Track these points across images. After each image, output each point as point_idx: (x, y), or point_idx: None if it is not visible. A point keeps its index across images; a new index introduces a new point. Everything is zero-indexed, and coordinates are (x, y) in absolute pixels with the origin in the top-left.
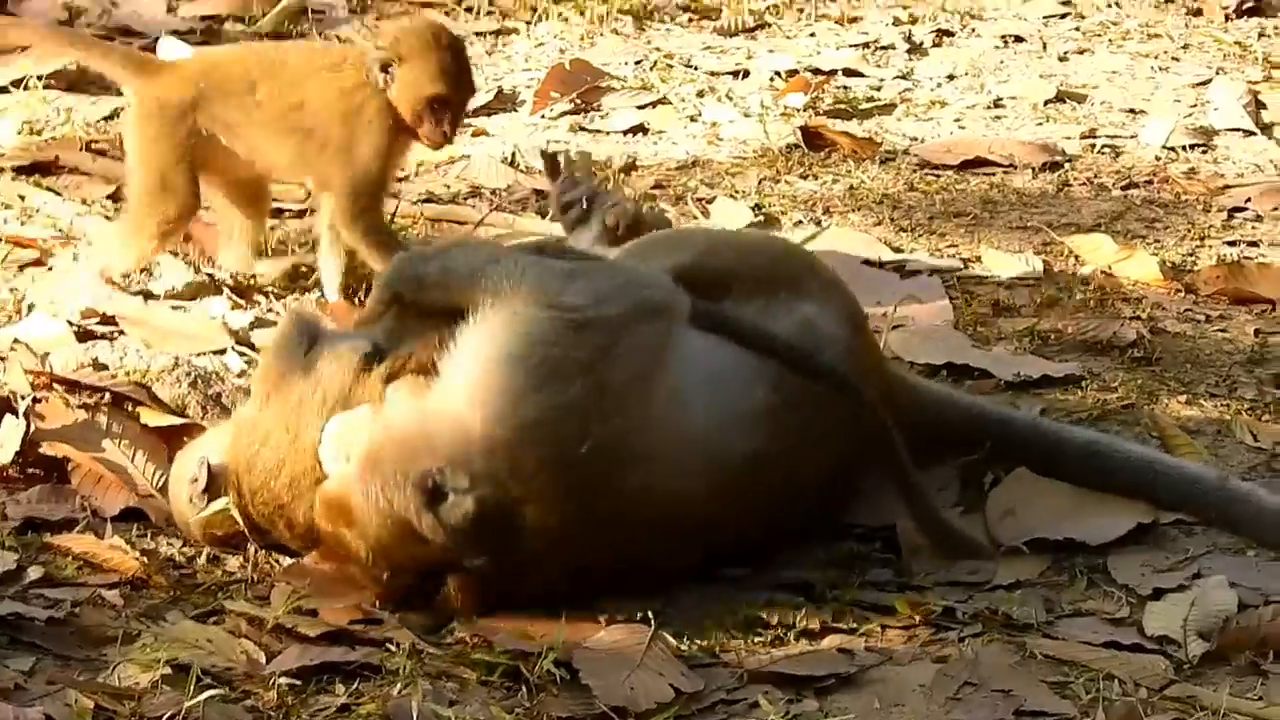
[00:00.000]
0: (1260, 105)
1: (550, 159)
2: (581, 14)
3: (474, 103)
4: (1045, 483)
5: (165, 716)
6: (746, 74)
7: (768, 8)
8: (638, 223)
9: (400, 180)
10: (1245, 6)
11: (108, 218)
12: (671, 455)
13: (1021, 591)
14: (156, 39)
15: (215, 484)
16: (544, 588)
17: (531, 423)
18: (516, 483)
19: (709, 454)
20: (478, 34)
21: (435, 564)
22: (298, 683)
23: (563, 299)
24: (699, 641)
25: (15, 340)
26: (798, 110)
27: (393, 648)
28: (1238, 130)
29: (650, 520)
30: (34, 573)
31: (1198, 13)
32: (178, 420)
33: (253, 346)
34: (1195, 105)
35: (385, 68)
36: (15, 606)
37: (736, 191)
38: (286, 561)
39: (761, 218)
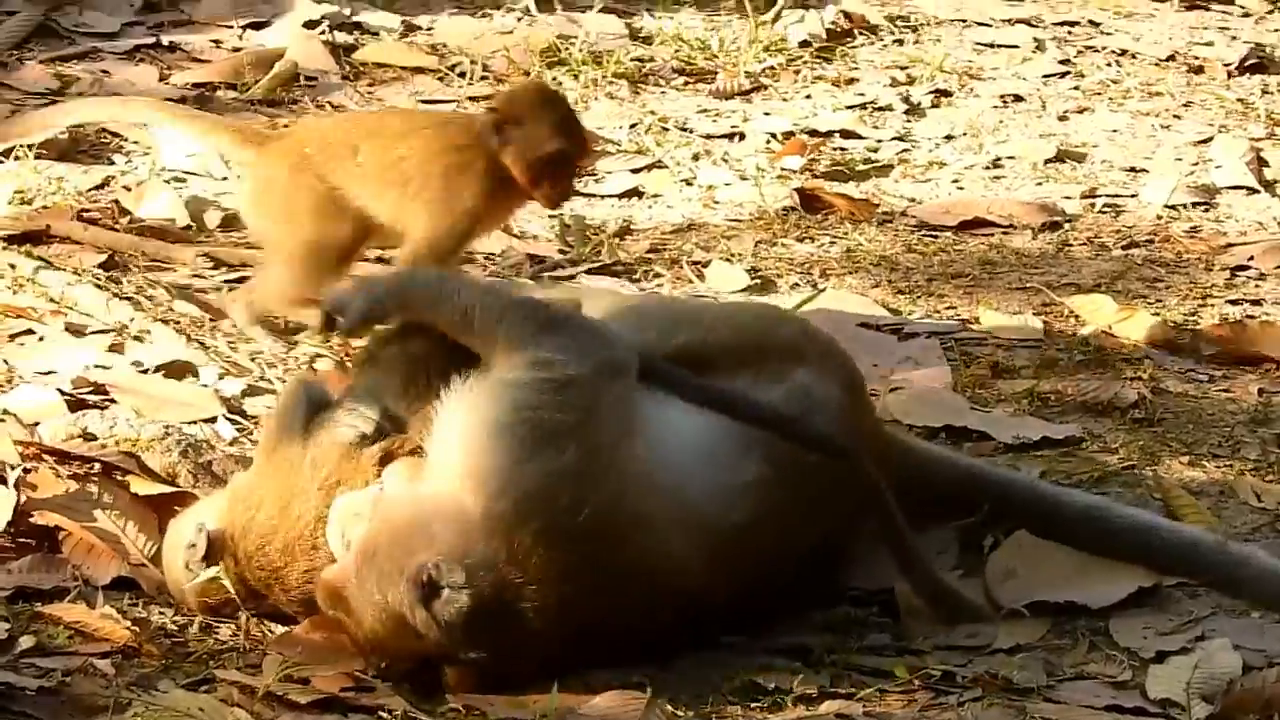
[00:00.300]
0: (1263, 162)
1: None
2: (576, 78)
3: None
4: (1046, 545)
5: None
6: (742, 136)
7: (764, 70)
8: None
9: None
10: (1248, 64)
11: (99, 286)
12: (665, 520)
13: (1022, 655)
14: None
15: (213, 550)
16: (542, 665)
17: (529, 494)
18: (514, 565)
19: (702, 522)
20: (470, 99)
21: (431, 656)
22: None
23: (539, 354)
24: (695, 708)
25: (4, 411)
26: (794, 172)
27: (386, 715)
28: (1240, 188)
29: (646, 587)
30: (25, 642)
31: (1199, 70)
32: (168, 489)
33: (245, 414)
34: (1197, 163)
35: (498, 128)
36: (6, 676)
37: (732, 255)
38: (279, 630)
39: (757, 281)
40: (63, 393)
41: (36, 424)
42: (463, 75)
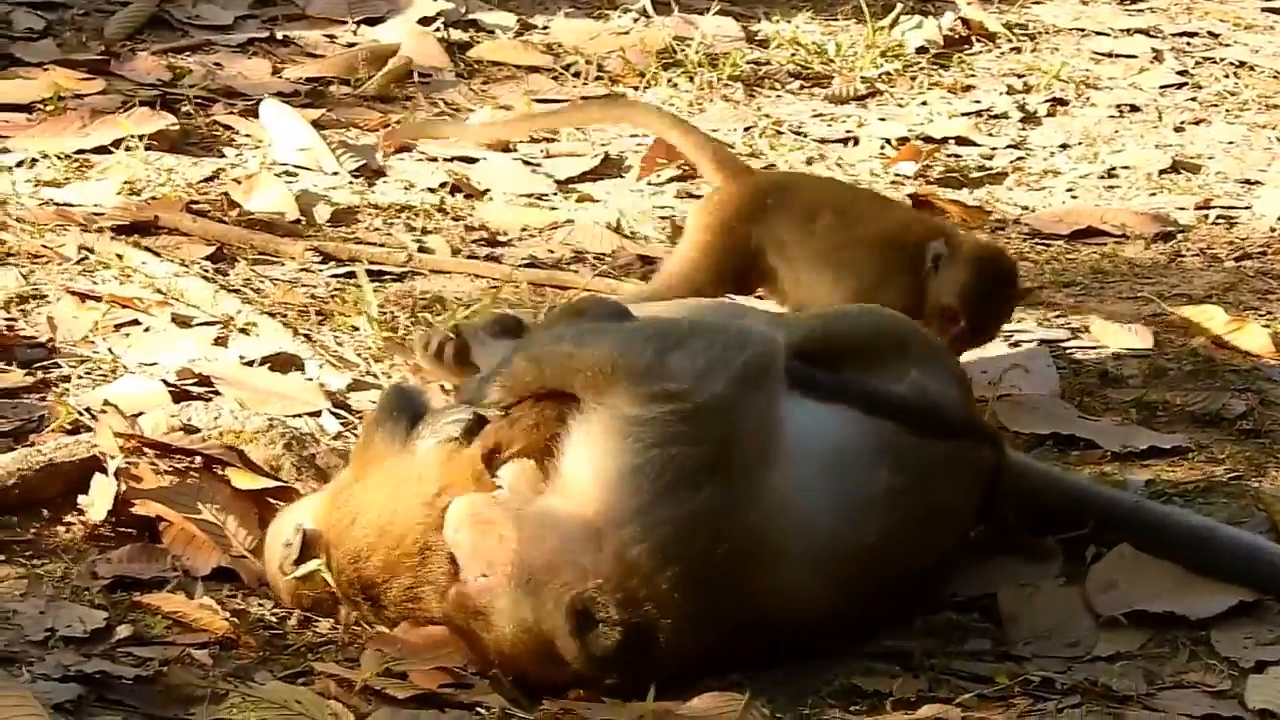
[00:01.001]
0: None
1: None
2: (691, 80)
3: (579, 168)
4: (1148, 559)
5: None
6: (856, 141)
7: (880, 75)
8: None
9: (503, 244)
10: None
11: (206, 278)
12: (798, 552)
13: (1121, 664)
14: (258, 101)
15: (308, 552)
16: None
17: (665, 542)
18: (653, 603)
19: (832, 546)
20: (584, 99)
21: (564, 681)
22: None
23: (664, 385)
24: (793, 711)
25: (106, 402)
26: (908, 178)
27: (483, 711)
28: None
29: (769, 614)
30: (123, 631)
31: None
32: (269, 483)
33: (349, 409)
34: None
35: (936, 259)
36: (103, 665)
37: None
38: (378, 626)
39: None
40: (166, 384)
41: (138, 415)
42: (577, 75)
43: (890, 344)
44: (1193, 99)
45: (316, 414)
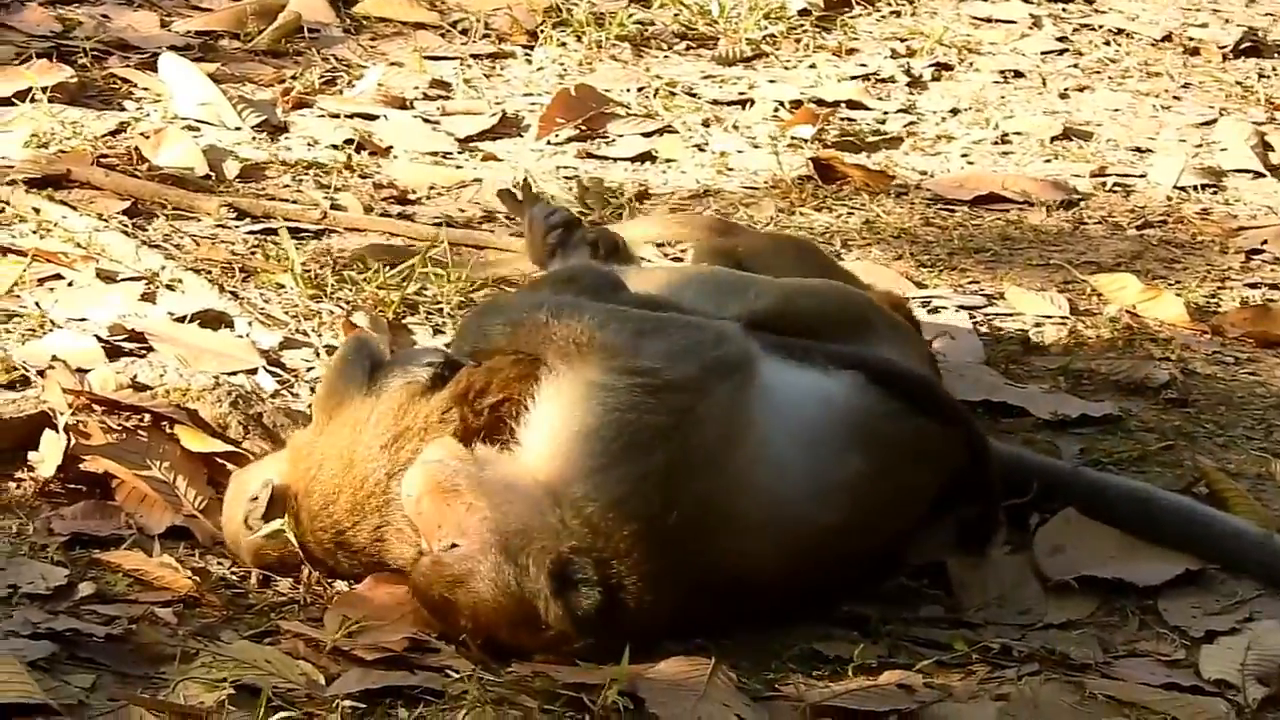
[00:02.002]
0: (1268, 147)
1: (510, 195)
2: (579, 39)
3: (478, 126)
4: (1092, 524)
5: None
6: (750, 103)
7: (764, 37)
8: (617, 247)
9: (412, 202)
10: (1243, 47)
11: (126, 233)
12: (757, 520)
13: (1075, 631)
14: (154, 54)
15: (275, 505)
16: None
17: (619, 498)
18: (619, 563)
19: (796, 522)
20: (474, 57)
21: (536, 646)
22: (362, 706)
23: (637, 361)
24: (758, 675)
25: (54, 358)
26: (805, 141)
27: (454, 674)
28: (1246, 171)
29: (729, 581)
30: (85, 589)
31: (1195, 52)
32: (220, 446)
33: (284, 367)
34: (1201, 145)
35: None
36: (71, 622)
37: (754, 223)
38: (339, 585)
39: None
40: (99, 339)
41: (85, 371)
42: (465, 33)
43: (854, 317)
44: (1074, 65)
45: (253, 371)
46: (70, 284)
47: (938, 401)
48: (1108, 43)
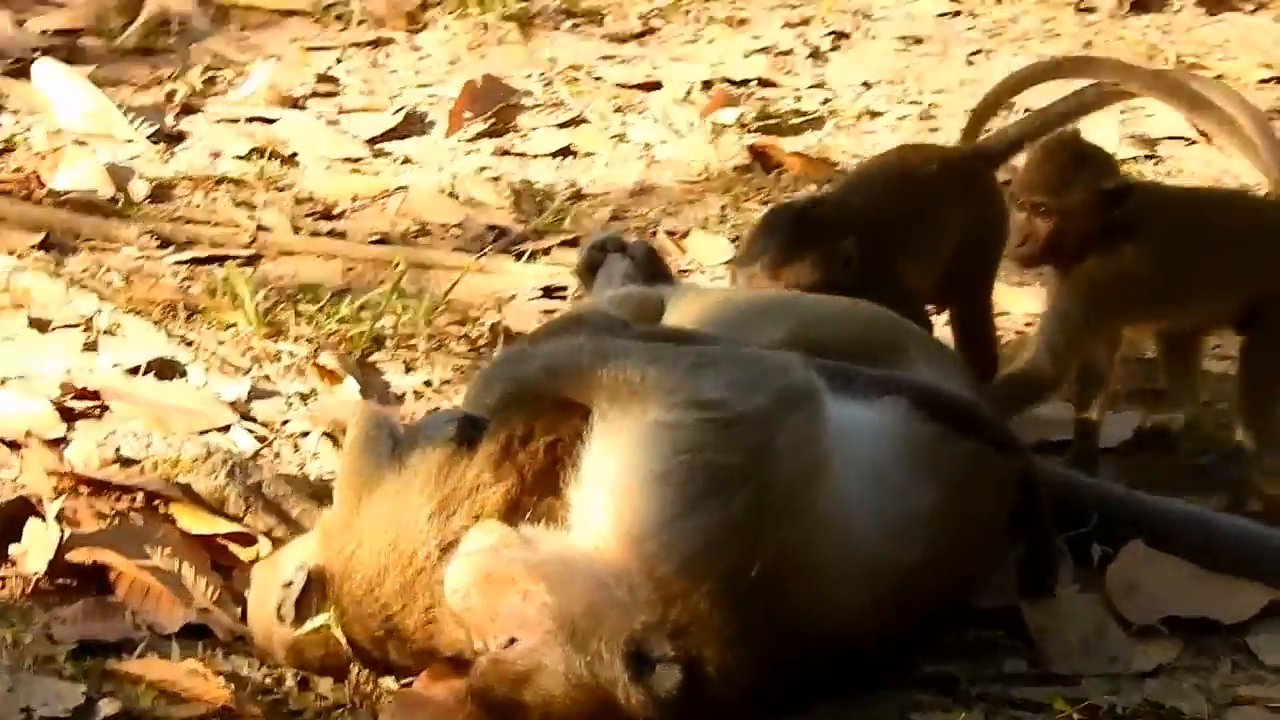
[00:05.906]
0: None
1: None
2: (462, 21)
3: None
4: (1159, 555)
5: None
6: (659, 85)
7: (653, 10)
8: (654, 256)
9: (337, 216)
10: (1132, 2)
11: (49, 273)
12: (838, 566)
13: (1167, 678)
14: (19, 60)
15: (311, 593)
16: None
17: (696, 552)
18: (697, 628)
19: (877, 565)
20: (354, 45)
21: None
22: None
23: (700, 395)
24: None
25: (28, 433)
26: (728, 126)
27: None
28: (1179, 138)
29: (814, 639)
30: (107, 707)
31: (1089, 9)
32: (222, 526)
33: (255, 420)
34: (1125, 111)
35: None
36: None
37: (707, 221)
38: (386, 683)
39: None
40: (53, 402)
41: (56, 442)
42: (339, 19)
43: (900, 343)
44: (971, 28)
45: (225, 429)
46: (4, 337)
47: (983, 425)
48: (999, 2)
